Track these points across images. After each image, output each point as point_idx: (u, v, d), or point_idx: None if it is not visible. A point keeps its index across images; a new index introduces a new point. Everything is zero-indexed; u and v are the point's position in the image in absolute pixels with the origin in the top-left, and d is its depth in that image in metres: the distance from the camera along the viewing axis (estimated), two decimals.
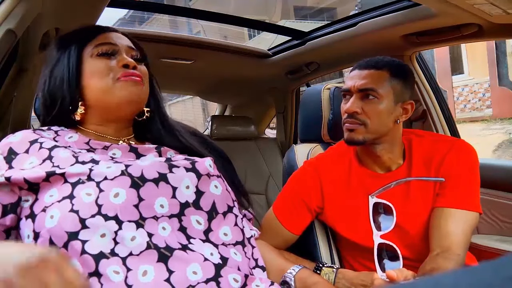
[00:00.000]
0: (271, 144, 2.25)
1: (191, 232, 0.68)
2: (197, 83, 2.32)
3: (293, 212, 1.05)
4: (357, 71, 1.01)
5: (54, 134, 0.75)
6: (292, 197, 1.06)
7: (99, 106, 0.77)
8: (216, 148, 0.92)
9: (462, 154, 0.98)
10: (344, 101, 1.02)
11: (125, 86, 0.75)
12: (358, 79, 0.99)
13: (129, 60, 0.77)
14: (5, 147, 0.69)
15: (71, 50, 0.78)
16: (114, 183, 0.65)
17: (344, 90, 1.01)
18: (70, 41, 0.80)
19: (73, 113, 0.77)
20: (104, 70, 0.76)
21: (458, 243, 0.89)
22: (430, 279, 0.23)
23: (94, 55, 0.77)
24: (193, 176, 0.73)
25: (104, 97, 0.76)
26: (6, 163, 0.67)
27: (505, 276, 0.20)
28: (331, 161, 1.09)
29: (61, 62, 0.78)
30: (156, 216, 0.66)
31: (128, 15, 9.86)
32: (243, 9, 11.13)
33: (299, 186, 1.07)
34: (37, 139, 0.71)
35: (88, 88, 0.76)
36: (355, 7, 8.87)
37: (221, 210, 0.75)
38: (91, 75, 0.76)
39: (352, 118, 0.98)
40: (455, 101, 9.07)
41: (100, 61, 0.77)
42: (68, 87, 0.76)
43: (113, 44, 0.79)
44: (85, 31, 0.82)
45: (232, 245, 0.73)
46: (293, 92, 2.20)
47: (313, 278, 0.75)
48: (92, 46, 0.78)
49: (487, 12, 1.09)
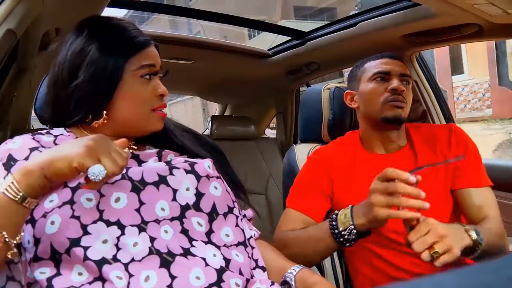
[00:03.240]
0: (271, 144, 2.25)
1: (193, 235, 0.68)
2: (197, 83, 2.32)
3: (311, 200, 1.05)
4: (386, 59, 1.08)
5: (54, 138, 0.74)
6: (305, 187, 1.07)
7: (123, 125, 0.75)
8: (209, 142, 0.91)
9: (463, 135, 1.05)
10: (379, 83, 1.06)
11: (160, 119, 0.78)
12: (395, 66, 1.06)
13: (163, 90, 0.77)
14: (4, 154, 0.67)
15: (118, 59, 0.72)
16: (115, 186, 0.65)
17: (382, 73, 1.06)
18: (115, 46, 0.73)
19: (93, 119, 0.74)
20: (143, 97, 0.75)
21: (495, 215, 0.97)
22: (430, 279, 0.23)
23: (137, 76, 0.74)
24: (193, 178, 0.73)
25: (136, 123, 0.76)
26: (5, 169, 0.66)
27: (505, 276, 0.20)
28: (336, 149, 1.13)
29: (100, 65, 0.71)
30: (157, 219, 0.66)
31: (128, 15, 9.85)
32: (243, 9, 11.14)
33: (310, 176, 1.09)
34: (37, 147, 0.69)
35: (120, 106, 0.73)
36: (355, 7, 8.87)
37: (222, 211, 0.75)
38: (129, 96, 0.74)
39: (401, 95, 1.03)
40: (455, 101, 9.07)
41: (141, 84, 0.75)
42: (101, 98, 0.72)
43: (155, 67, 0.77)
44: (129, 39, 0.75)
45: (234, 245, 0.73)
46: (293, 92, 2.20)
47: (313, 278, 0.74)
48: (138, 63, 0.74)
49: (487, 12, 1.09)
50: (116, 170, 0.57)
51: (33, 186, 0.56)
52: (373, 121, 1.08)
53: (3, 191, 0.55)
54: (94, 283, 0.59)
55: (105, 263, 0.60)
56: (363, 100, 1.10)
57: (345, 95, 1.16)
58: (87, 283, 0.59)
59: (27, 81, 1.03)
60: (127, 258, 0.61)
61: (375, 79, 1.06)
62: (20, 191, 0.55)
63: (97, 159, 0.56)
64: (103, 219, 0.62)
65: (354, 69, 1.16)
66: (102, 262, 0.60)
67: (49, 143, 0.72)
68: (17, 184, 0.55)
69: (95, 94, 0.72)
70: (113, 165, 0.56)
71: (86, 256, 0.59)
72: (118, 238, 0.62)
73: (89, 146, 0.56)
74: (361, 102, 1.11)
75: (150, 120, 0.76)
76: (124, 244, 0.61)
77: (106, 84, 0.72)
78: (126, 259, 0.61)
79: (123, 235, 0.62)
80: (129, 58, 0.73)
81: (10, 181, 0.55)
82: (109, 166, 0.56)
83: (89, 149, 0.56)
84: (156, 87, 0.76)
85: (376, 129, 1.08)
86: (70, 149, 0.56)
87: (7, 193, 0.55)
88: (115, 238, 0.61)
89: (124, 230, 0.63)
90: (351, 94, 1.15)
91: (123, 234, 0.62)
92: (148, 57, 0.76)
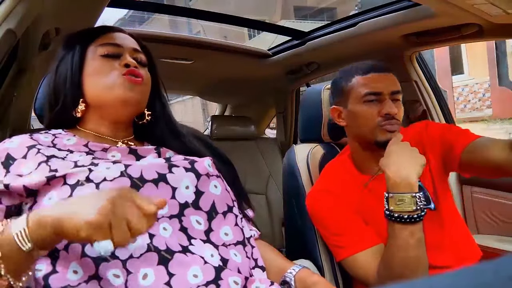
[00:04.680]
0: (271, 144, 2.25)
1: (192, 233, 0.68)
2: (197, 83, 2.32)
3: (358, 231, 0.97)
4: (379, 74, 1.00)
5: (52, 137, 0.75)
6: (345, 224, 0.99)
7: (97, 105, 0.77)
8: (220, 153, 0.91)
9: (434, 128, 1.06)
10: (371, 104, 0.99)
11: (123, 85, 0.74)
12: (388, 82, 1.00)
13: (130, 60, 0.77)
14: (3, 153, 0.68)
15: (76, 49, 0.78)
16: (114, 184, 0.65)
17: (373, 93, 0.99)
18: (76, 40, 0.80)
19: (74, 109, 0.78)
20: (106, 69, 0.76)
21: None
22: (430, 279, 0.23)
23: (97, 56, 0.77)
24: (193, 176, 0.73)
25: (102, 94, 0.76)
26: (4, 168, 0.66)
27: (505, 276, 0.20)
28: (335, 181, 1.05)
29: (65, 60, 0.79)
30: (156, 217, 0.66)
31: (128, 15, 9.86)
32: (243, 9, 11.13)
33: (337, 211, 1.00)
34: (35, 145, 0.70)
35: (88, 86, 0.77)
36: (355, 7, 8.87)
37: (221, 210, 0.74)
38: (93, 74, 0.76)
39: (394, 118, 0.98)
40: (455, 101, 9.07)
41: (103, 61, 0.77)
42: (70, 85, 0.77)
43: (118, 45, 0.79)
44: (91, 30, 0.82)
45: (233, 245, 0.73)
46: (293, 92, 2.20)
47: (313, 278, 0.75)
48: (97, 45, 0.78)
49: (487, 12, 1.09)
50: (126, 244, 0.50)
51: (44, 240, 0.51)
52: (364, 142, 1.04)
53: (13, 234, 0.51)
54: (91, 282, 0.59)
55: (103, 261, 0.59)
56: (353, 121, 1.04)
57: (332, 111, 1.09)
58: (83, 281, 0.59)
59: (27, 81, 1.03)
60: (125, 255, 0.61)
61: (366, 100, 0.99)
62: (29, 241, 0.51)
63: (107, 232, 0.49)
64: None
65: (339, 80, 1.08)
66: (100, 259, 0.59)
67: (47, 142, 0.73)
68: (28, 232, 0.51)
69: (65, 83, 0.77)
70: (124, 238, 0.49)
71: (84, 253, 0.59)
72: None
73: (104, 212, 0.49)
74: (350, 122, 1.05)
75: (114, 86, 0.75)
76: None
77: (71, 71, 0.77)
78: (124, 256, 0.61)
79: None
80: (89, 44, 0.79)
81: (22, 227, 0.51)
82: (119, 240, 0.49)
83: (102, 217, 0.48)
84: (121, 61, 0.77)
85: (367, 149, 1.04)
86: (82, 209, 0.50)
87: (16, 239, 0.50)
88: None
89: None
90: (338, 110, 1.08)
91: None
92: (107, 38, 0.80)
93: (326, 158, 1.22)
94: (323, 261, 1.11)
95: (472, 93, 9.30)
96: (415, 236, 0.83)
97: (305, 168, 1.20)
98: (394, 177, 0.85)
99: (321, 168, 1.17)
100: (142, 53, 0.82)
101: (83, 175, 0.65)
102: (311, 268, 1.03)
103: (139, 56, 0.81)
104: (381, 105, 0.98)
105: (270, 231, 1.99)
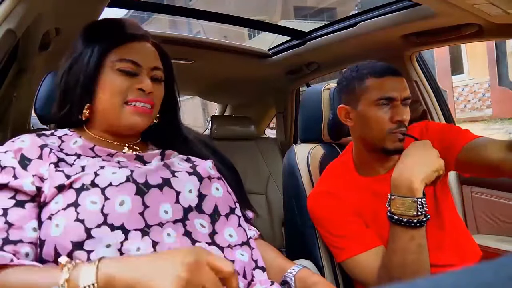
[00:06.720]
0: (271, 144, 2.25)
1: (196, 236, 0.68)
2: (197, 83, 2.32)
3: (359, 232, 0.97)
4: (390, 78, 0.97)
5: (59, 141, 0.74)
6: (345, 226, 0.98)
7: (104, 118, 0.77)
8: (225, 159, 0.91)
9: (434, 129, 1.05)
10: (383, 109, 0.96)
11: (131, 114, 0.74)
12: (401, 87, 0.97)
13: (146, 84, 0.74)
14: (17, 153, 0.67)
15: (94, 51, 0.74)
16: (119, 190, 0.65)
17: (387, 98, 0.96)
18: (96, 39, 0.76)
19: (81, 112, 0.76)
20: (119, 88, 0.74)
21: None
22: (430, 279, 0.23)
23: (115, 69, 0.74)
24: (195, 179, 0.73)
25: (108, 115, 0.75)
26: (22, 168, 0.65)
27: (505, 276, 0.20)
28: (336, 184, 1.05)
29: (81, 58, 0.75)
30: (161, 222, 0.66)
31: (128, 15, 9.84)
32: (243, 9, 11.13)
33: (337, 212, 1.00)
34: (46, 144, 0.70)
35: (99, 98, 0.75)
36: (355, 7, 8.87)
37: (224, 212, 0.75)
38: (105, 88, 0.74)
39: (405, 127, 0.96)
40: (455, 101, 9.07)
41: (119, 77, 0.74)
42: (80, 90, 0.75)
43: (137, 65, 0.75)
44: (114, 33, 0.77)
45: (238, 245, 0.73)
46: (293, 92, 2.20)
47: (313, 278, 0.74)
48: (116, 57, 0.75)
49: (487, 12, 1.09)
50: None
51: None
52: (370, 145, 1.02)
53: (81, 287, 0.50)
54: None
55: None
56: (362, 123, 1.01)
57: (340, 109, 1.06)
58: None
59: (27, 81, 1.03)
60: None
61: (378, 104, 0.96)
62: None
63: None
64: (107, 223, 0.61)
65: (351, 79, 1.03)
66: None
67: (55, 147, 0.72)
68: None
69: (76, 85, 0.75)
70: None
71: None
72: (122, 243, 0.61)
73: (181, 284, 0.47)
74: (359, 124, 1.02)
75: (121, 114, 0.74)
76: (127, 250, 0.61)
77: (84, 75, 0.74)
78: None
79: (127, 240, 0.61)
80: (110, 50, 0.75)
81: (91, 282, 0.50)
82: None
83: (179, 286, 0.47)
84: (138, 82, 0.75)
85: (372, 152, 1.02)
86: (157, 277, 0.49)
87: None
88: (118, 243, 0.61)
89: (128, 235, 0.62)
90: (346, 110, 1.05)
91: (127, 240, 0.61)
92: (130, 52, 0.76)
93: (326, 158, 1.22)
94: (324, 261, 1.11)
95: (472, 93, 9.30)
96: (416, 241, 0.82)
97: (305, 168, 1.20)
98: (396, 180, 0.84)
99: (321, 168, 1.17)
100: (160, 70, 0.80)
101: (88, 179, 0.64)
102: (311, 268, 1.03)
103: (157, 74, 0.79)
104: (393, 111, 0.96)
105: (270, 231, 1.99)
